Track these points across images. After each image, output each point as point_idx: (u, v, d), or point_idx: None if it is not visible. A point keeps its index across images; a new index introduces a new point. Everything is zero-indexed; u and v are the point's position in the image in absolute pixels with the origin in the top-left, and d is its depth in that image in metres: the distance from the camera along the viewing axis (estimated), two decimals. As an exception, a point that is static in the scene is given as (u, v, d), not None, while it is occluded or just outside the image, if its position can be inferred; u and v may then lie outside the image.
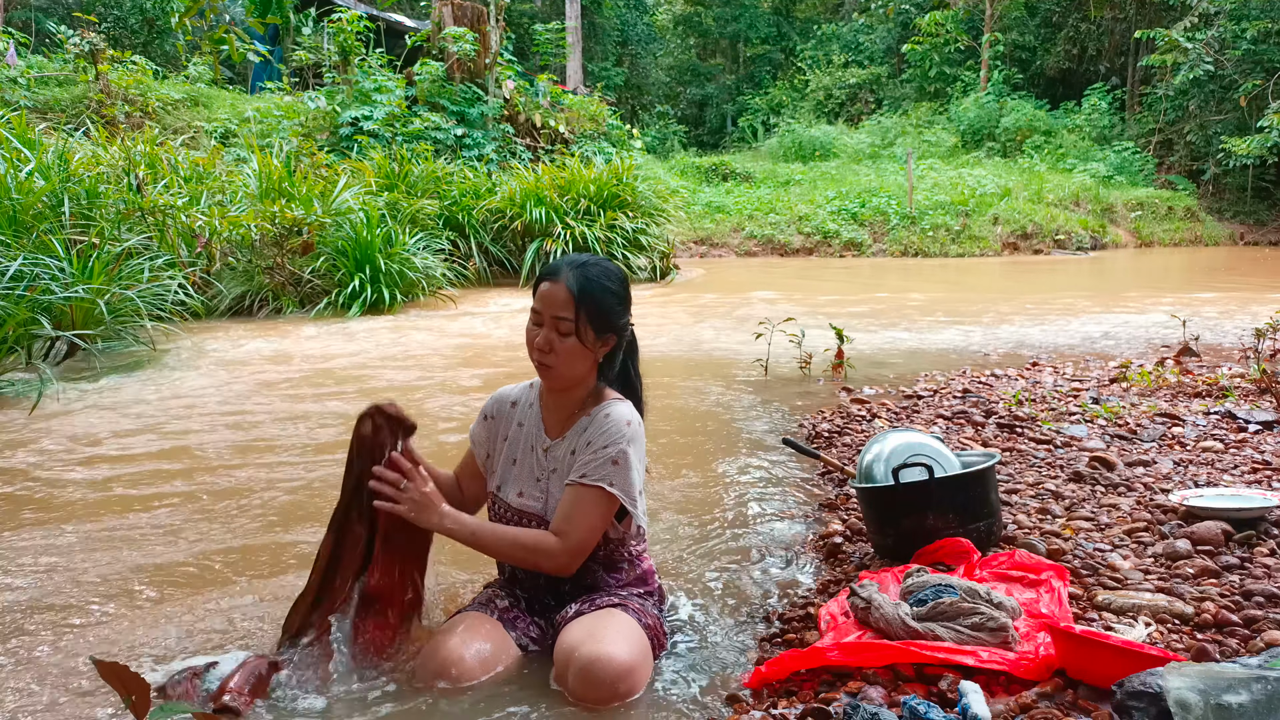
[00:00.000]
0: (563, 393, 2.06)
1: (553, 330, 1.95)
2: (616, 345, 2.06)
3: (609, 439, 1.96)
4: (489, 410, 2.22)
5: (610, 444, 1.96)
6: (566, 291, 1.94)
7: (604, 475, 1.94)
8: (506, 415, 2.18)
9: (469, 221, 10.50)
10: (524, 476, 2.10)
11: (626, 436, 1.97)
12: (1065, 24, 24.83)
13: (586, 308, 1.94)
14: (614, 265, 2.06)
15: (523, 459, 2.11)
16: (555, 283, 1.95)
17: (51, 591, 2.42)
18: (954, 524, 2.42)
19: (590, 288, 1.95)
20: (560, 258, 2.03)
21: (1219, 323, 7.44)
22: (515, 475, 2.11)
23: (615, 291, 2.00)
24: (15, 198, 6.25)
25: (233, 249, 8.10)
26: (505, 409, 2.19)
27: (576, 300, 1.94)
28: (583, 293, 1.94)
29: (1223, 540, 2.45)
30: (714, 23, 30.93)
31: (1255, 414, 3.92)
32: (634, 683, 1.83)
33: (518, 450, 2.13)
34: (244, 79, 18.74)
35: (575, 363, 1.98)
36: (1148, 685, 1.50)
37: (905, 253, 16.37)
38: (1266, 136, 17.57)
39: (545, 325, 1.96)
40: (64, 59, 14.25)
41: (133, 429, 4.24)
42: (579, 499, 1.95)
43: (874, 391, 4.88)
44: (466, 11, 13.86)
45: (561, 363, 1.97)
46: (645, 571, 2.13)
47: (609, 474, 1.94)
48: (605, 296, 1.97)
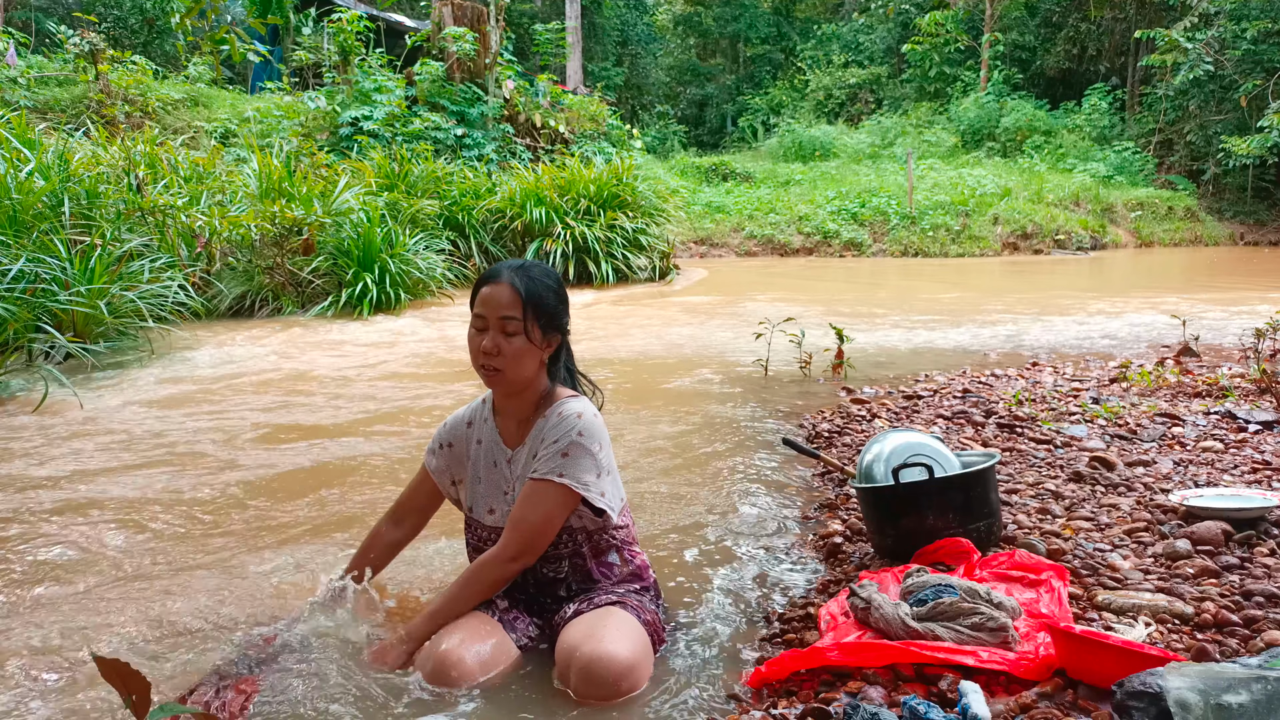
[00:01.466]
0: (514, 397, 2.07)
1: (499, 332, 1.97)
2: (560, 345, 2.09)
3: (559, 433, 2.00)
4: (445, 438, 2.22)
5: (560, 438, 1.99)
6: (511, 291, 1.97)
7: (553, 468, 1.97)
8: (464, 437, 2.19)
9: (469, 221, 10.50)
10: (492, 493, 2.12)
11: (576, 429, 1.99)
12: (1065, 24, 24.83)
13: (533, 306, 1.97)
14: (550, 267, 2.09)
15: (486, 476, 2.13)
16: (498, 284, 1.98)
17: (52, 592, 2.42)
18: (954, 524, 2.42)
19: (534, 287, 1.99)
20: (499, 263, 2.05)
21: (1219, 323, 7.44)
22: (483, 494, 2.13)
23: (556, 291, 2.04)
24: (15, 198, 6.25)
25: (233, 249, 8.10)
26: (462, 431, 2.20)
27: (524, 299, 1.96)
28: (529, 292, 1.97)
29: (1223, 540, 2.45)
30: (714, 23, 30.94)
31: (1255, 414, 3.92)
32: (635, 680, 1.83)
33: (480, 468, 2.15)
34: (244, 79, 18.73)
35: (524, 363, 2.00)
36: (1148, 685, 1.50)
37: (905, 253, 16.37)
38: (1266, 136, 17.57)
39: (491, 328, 1.98)
40: (64, 59, 14.25)
41: (132, 429, 4.24)
42: (530, 493, 1.99)
43: (874, 391, 4.88)
44: (466, 11, 13.86)
45: (510, 364, 1.98)
46: (639, 566, 2.14)
47: (558, 465, 1.97)
48: (549, 295, 2.01)
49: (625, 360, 6.11)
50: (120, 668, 1.12)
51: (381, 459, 3.71)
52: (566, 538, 2.04)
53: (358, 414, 4.54)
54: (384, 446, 3.91)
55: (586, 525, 2.04)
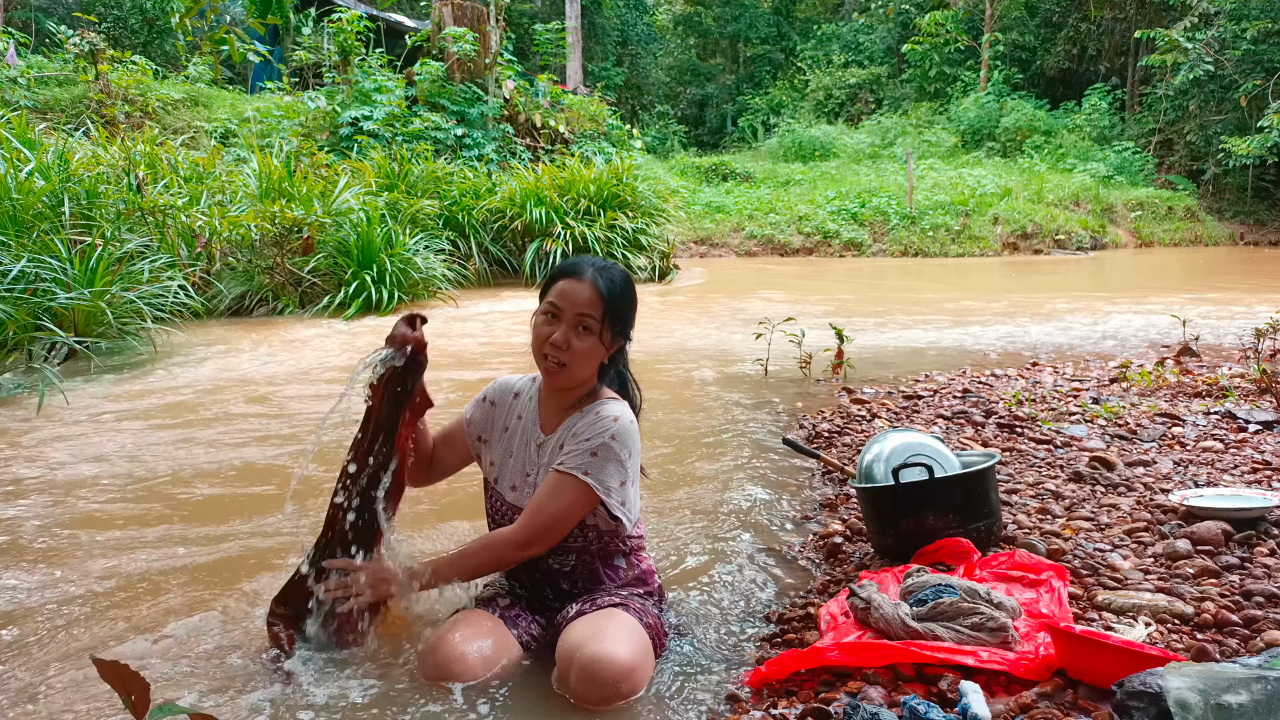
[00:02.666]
0: (564, 391, 2.06)
1: (573, 328, 1.96)
2: (621, 349, 2.08)
3: (593, 432, 1.98)
4: (491, 395, 2.22)
5: (593, 436, 1.98)
6: (593, 290, 1.96)
7: (580, 464, 1.96)
8: (509, 405, 2.19)
9: (469, 221, 10.50)
10: (516, 471, 2.12)
11: (610, 431, 1.98)
12: (1065, 24, 24.84)
13: (611, 309, 1.97)
14: (625, 271, 2.09)
15: (517, 452, 2.13)
16: (580, 281, 1.97)
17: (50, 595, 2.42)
18: (954, 524, 2.43)
19: (615, 290, 1.99)
20: (577, 257, 2.05)
21: (1219, 323, 7.44)
22: (510, 469, 2.13)
23: (632, 297, 2.05)
24: (15, 198, 6.25)
25: (233, 249, 8.10)
26: (508, 398, 2.20)
27: (605, 300, 1.96)
28: (610, 295, 1.97)
29: (1223, 540, 2.45)
30: (714, 23, 30.94)
31: (1255, 414, 3.92)
32: (635, 682, 1.83)
33: (514, 443, 2.14)
34: (244, 79, 18.73)
35: (589, 362, 2.00)
36: (1148, 685, 1.50)
37: (905, 253, 16.37)
38: (1266, 136, 17.57)
39: (565, 322, 1.96)
40: (64, 59, 14.24)
41: (131, 429, 4.24)
42: (552, 485, 1.98)
43: (874, 391, 4.88)
44: (466, 11, 13.86)
45: (576, 361, 1.97)
46: (645, 571, 2.14)
47: (585, 464, 1.96)
48: (626, 300, 2.02)
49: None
50: (119, 669, 1.12)
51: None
52: (579, 533, 2.04)
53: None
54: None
55: (600, 525, 2.04)
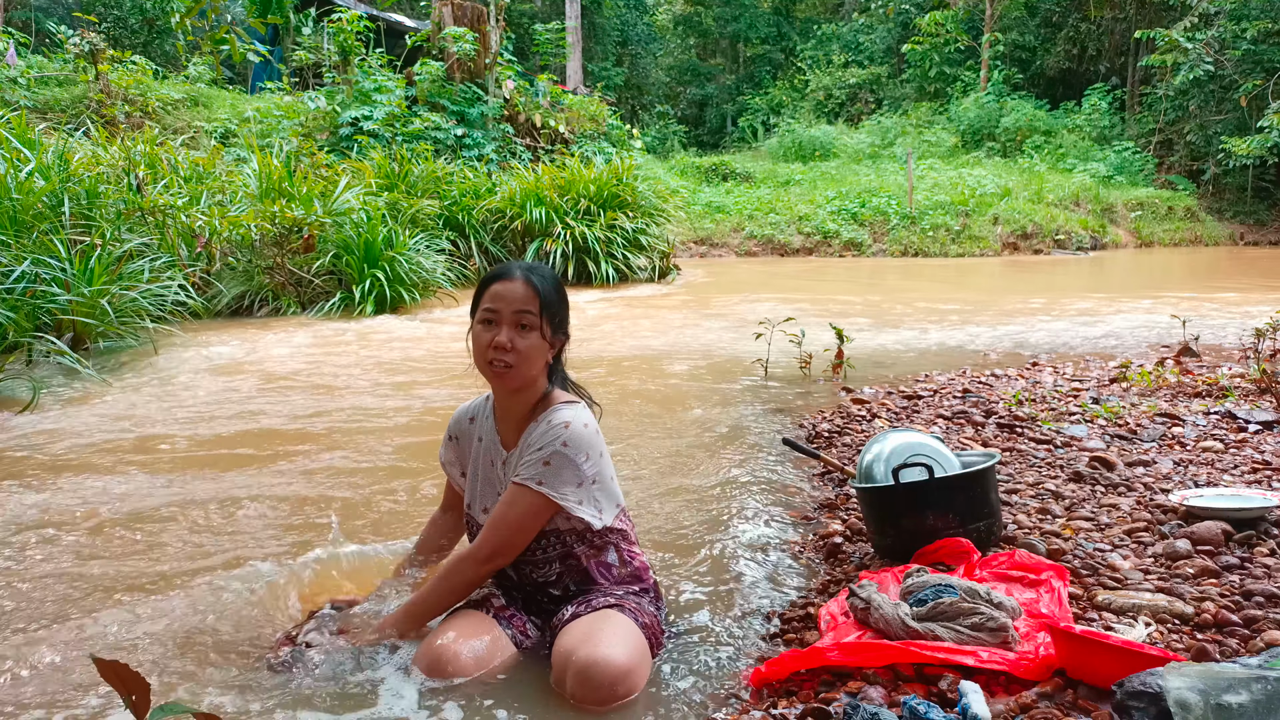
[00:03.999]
0: (515, 396, 2.07)
1: (513, 327, 1.98)
2: (561, 347, 2.11)
3: (545, 441, 1.99)
4: (452, 431, 2.27)
5: (545, 445, 1.99)
6: (527, 287, 1.99)
7: (534, 475, 1.97)
8: (468, 432, 2.23)
9: (469, 221, 10.50)
10: (487, 491, 2.15)
11: (561, 439, 1.98)
12: (1065, 24, 24.85)
13: (546, 304, 2.00)
14: (554, 271, 2.14)
15: (484, 474, 2.15)
16: (513, 281, 2.00)
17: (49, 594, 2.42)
18: (954, 524, 2.42)
19: (548, 285, 2.02)
20: (502, 264, 2.09)
21: (1219, 323, 7.44)
22: (480, 492, 2.16)
23: (564, 294, 2.08)
24: (15, 198, 6.25)
25: (233, 249, 8.10)
26: (465, 426, 2.24)
27: (540, 295, 1.99)
28: (543, 289, 2.00)
29: (1223, 540, 2.45)
30: (714, 23, 30.96)
31: (1255, 414, 3.92)
32: (632, 684, 1.82)
33: (479, 466, 2.17)
34: (244, 79, 18.74)
35: (534, 360, 2.01)
36: (1148, 685, 1.50)
37: (905, 253, 16.38)
38: (1266, 136, 17.58)
39: (504, 323, 1.99)
40: (64, 59, 14.25)
41: (129, 430, 4.24)
42: (509, 496, 2.00)
43: (874, 391, 4.88)
44: (466, 11, 13.86)
45: (522, 360, 1.99)
46: (639, 568, 2.13)
47: (539, 473, 1.97)
48: (560, 295, 2.05)
49: (625, 359, 6.11)
50: (119, 669, 1.11)
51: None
52: (554, 540, 2.04)
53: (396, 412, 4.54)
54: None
55: (576, 527, 2.04)
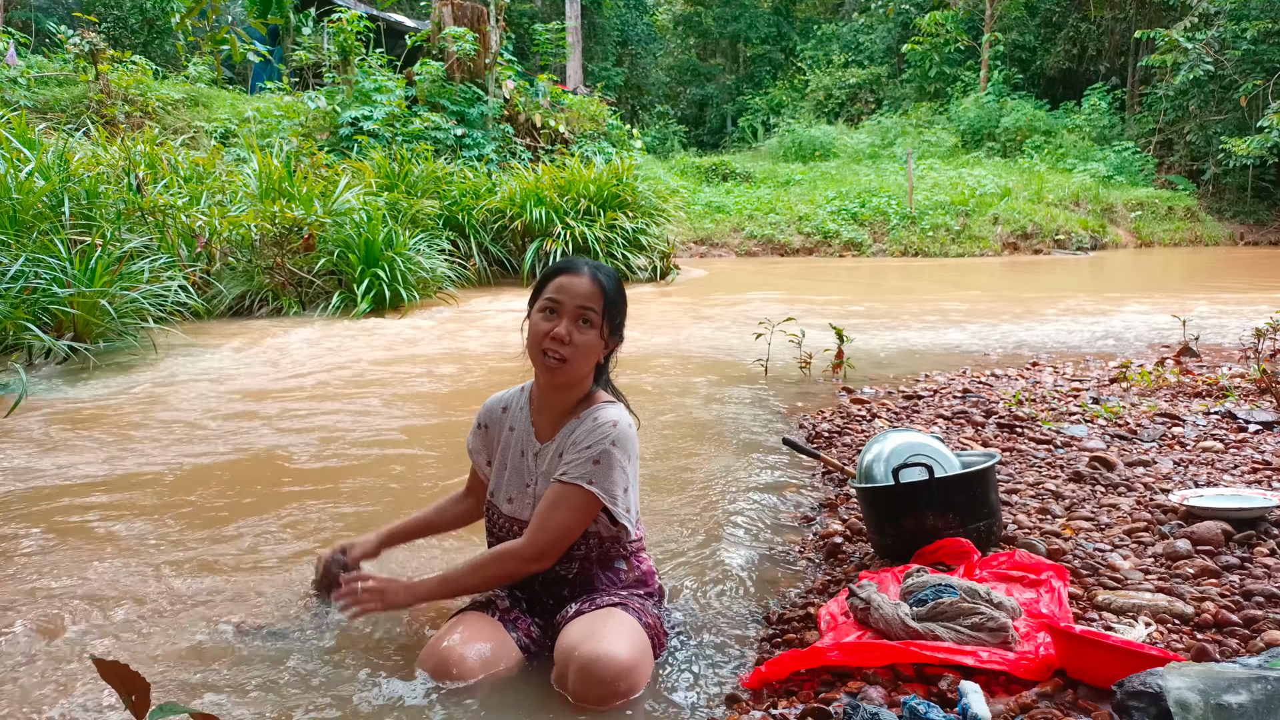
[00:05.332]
0: (561, 392, 2.06)
1: (574, 321, 1.96)
2: (614, 350, 2.10)
3: (593, 439, 1.97)
4: (482, 419, 2.25)
5: (594, 444, 1.97)
6: (593, 283, 1.98)
7: (584, 474, 1.95)
8: (499, 421, 2.20)
9: (469, 221, 10.50)
10: (514, 482, 2.12)
11: (611, 437, 1.97)
12: (1065, 24, 24.85)
13: (609, 304, 1.99)
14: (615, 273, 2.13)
15: (513, 464, 2.13)
16: (579, 275, 1.98)
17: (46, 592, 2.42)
18: (954, 524, 2.43)
19: (613, 285, 2.02)
20: (571, 257, 2.07)
21: (1219, 323, 7.44)
22: (506, 481, 2.14)
23: (624, 295, 2.08)
24: (15, 198, 6.25)
25: (233, 249, 8.10)
26: (497, 415, 2.21)
27: (605, 294, 1.98)
28: (609, 289, 1.99)
29: (1223, 540, 2.45)
30: (714, 23, 30.95)
31: (1255, 414, 3.92)
32: (634, 681, 1.82)
33: (509, 455, 2.14)
34: (244, 79, 18.73)
35: (588, 357, 2.00)
36: (1148, 685, 1.50)
37: (905, 253, 16.38)
38: (1266, 136, 17.57)
39: (565, 315, 1.96)
40: (64, 59, 14.24)
41: (130, 429, 4.24)
42: (556, 496, 1.97)
43: (874, 391, 4.88)
44: (466, 11, 13.86)
45: (577, 355, 1.97)
46: (645, 573, 2.13)
47: (589, 472, 1.95)
48: (621, 298, 2.04)
49: (624, 359, 6.08)
50: (119, 669, 1.11)
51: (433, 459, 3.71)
52: (582, 541, 2.03)
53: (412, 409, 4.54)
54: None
55: (601, 532, 2.03)
